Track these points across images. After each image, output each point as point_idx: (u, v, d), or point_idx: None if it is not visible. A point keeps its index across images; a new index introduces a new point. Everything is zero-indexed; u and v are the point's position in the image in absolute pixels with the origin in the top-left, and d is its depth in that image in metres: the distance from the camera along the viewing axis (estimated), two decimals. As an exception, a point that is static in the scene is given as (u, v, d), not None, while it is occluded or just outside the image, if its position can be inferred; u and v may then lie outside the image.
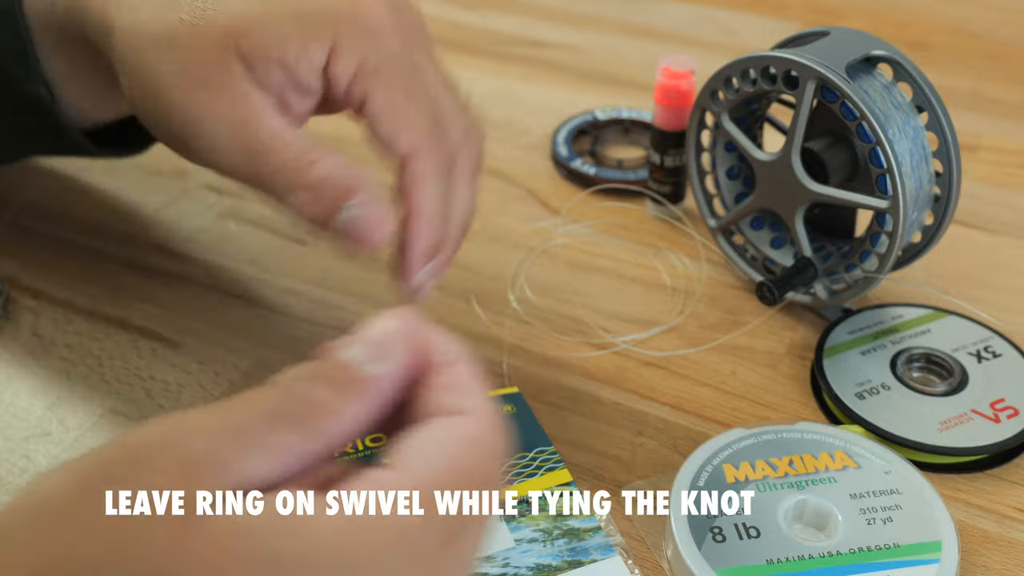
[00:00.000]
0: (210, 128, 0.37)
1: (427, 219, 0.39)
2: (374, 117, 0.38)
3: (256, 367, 0.50)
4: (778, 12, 0.86)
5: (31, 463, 0.45)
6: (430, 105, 0.39)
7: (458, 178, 0.41)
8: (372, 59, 0.38)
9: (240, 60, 0.37)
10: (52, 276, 0.55)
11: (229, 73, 0.37)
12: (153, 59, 0.38)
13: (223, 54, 0.37)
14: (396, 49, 0.38)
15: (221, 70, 0.37)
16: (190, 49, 0.37)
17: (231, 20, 0.37)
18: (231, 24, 0.37)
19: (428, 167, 0.39)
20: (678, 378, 0.49)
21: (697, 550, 0.39)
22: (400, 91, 0.38)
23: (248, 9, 0.37)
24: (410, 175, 0.38)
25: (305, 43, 0.37)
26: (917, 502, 0.41)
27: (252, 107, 0.37)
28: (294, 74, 0.37)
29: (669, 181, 0.59)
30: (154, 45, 0.38)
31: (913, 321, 0.50)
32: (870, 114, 0.46)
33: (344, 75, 0.38)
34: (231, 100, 0.37)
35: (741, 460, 0.43)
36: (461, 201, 0.41)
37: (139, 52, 0.38)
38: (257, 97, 0.37)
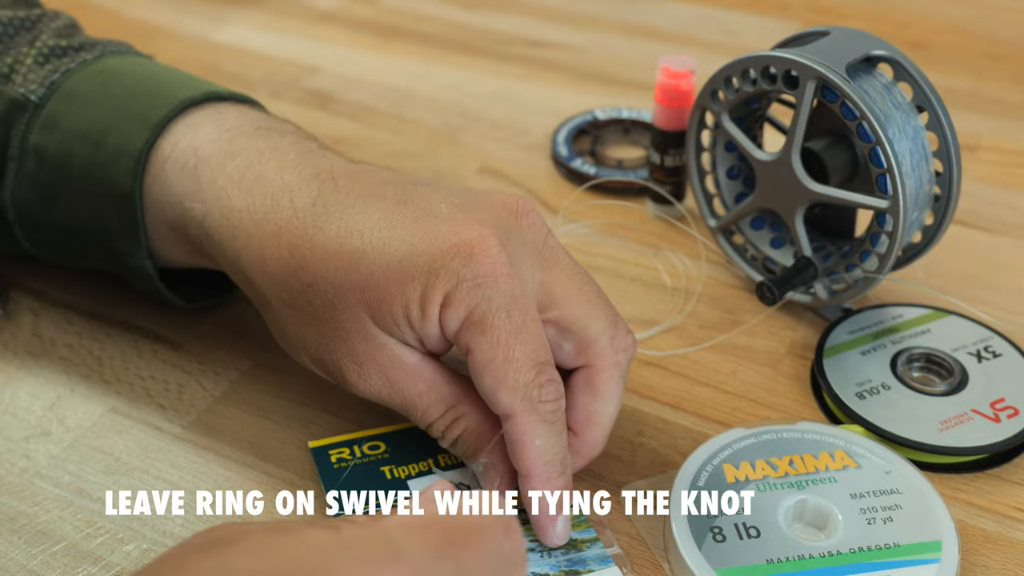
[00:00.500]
0: (356, 373, 0.40)
1: (539, 478, 0.38)
2: (476, 369, 0.38)
3: (256, 367, 0.50)
4: (778, 12, 0.86)
5: (31, 463, 0.45)
6: (536, 356, 0.38)
7: (600, 387, 0.41)
8: (479, 309, 0.38)
9: (373, 323, 0.39)
10: (52, 276, 0.55)
11: (366, 338, 0.39)
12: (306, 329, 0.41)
13: (361, 323, 0.39)
14: (509, 293, 0.38)
15: (361, 335, 0.39)
16: (336, 325, 0.39)
17: (361, 292, 0.39)
18: (361, 297, 0.39)
19: (528, 426, 0.38)
20: (678, 378, 0.49)
21: (697, 550, 0.39)
22: (503, 345, 0.38)
23: (370, 274, 0.39)
24: (514, 435, 0.38)
25: (424, 308, 0.38)
26: (917, 502, 0.41)
27: (392, 366, 0.40)
28: (423, 332, 0.39)
29: (669, 181, 0.59)
30: (304, 318, 0.40)
31: (913, 321, 0.50)
32: (870, 114, 0.46)
33: (452, 326, 0.38)
34: (368, 354, 0.39)
35: (741, 460, 0.43)
36: (604, 413, 0.41)
37: (289, 314, 0.41)
38: (396, 355, 0.40)
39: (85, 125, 0.46)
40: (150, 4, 0.87)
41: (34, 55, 0.48)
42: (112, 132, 0.45)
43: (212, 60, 0.78)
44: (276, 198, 0.42)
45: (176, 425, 0.47)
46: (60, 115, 0.46)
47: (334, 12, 0.86)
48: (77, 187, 0.46)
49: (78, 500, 0.43)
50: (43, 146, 0.46)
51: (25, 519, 0.42)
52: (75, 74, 0.47)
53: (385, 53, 0.80)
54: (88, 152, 0.45)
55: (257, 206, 0.42)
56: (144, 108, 0.45)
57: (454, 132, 0.69)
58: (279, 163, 0.43)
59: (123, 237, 0.46)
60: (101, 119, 0.46)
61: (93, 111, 0.46)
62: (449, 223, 0.39)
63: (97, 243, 0.47)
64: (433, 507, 0.30)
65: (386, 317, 0.39)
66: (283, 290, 0.41)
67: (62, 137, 0.46)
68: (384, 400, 0.41)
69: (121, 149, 0.45)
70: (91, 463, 0.45)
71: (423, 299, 0.38)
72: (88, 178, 0.45)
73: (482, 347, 0.38)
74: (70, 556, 0.41)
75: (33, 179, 0.47)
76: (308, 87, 0.75)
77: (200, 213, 0.43)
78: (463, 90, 0.74)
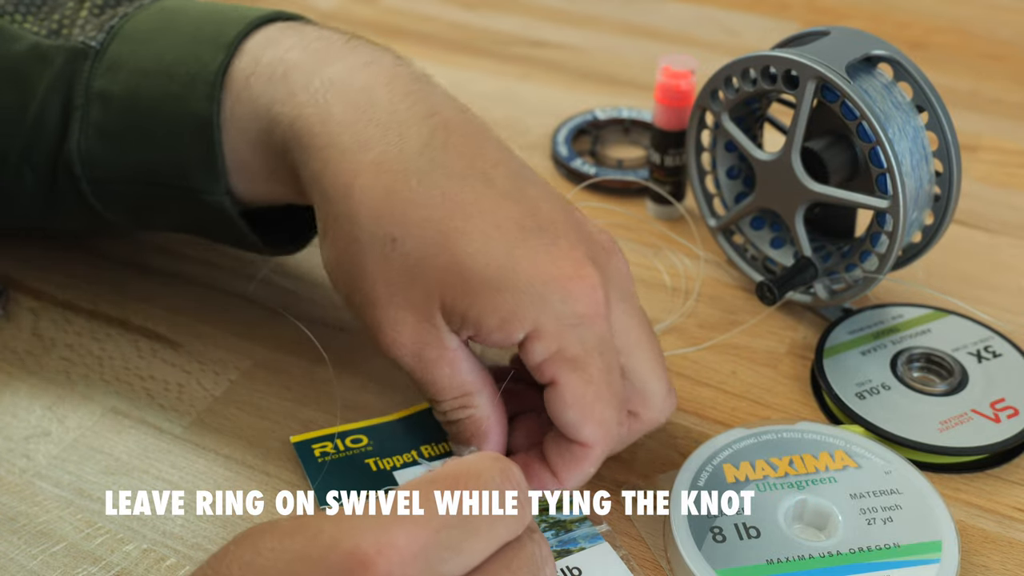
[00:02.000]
0: (392, 337, 0.39)
1: (560, 486, 0.40)
2: (562, 401, 0.38)
3: (256, 367, 0.50)
4: (778, 12, 0.86)
5: (31, 463, 0.45)
6: (620, 398, 0.39)
7: (633, 436, 0.42)
8: (573, 348, 0.37)
9: (440, 308, 0.38)
10: (52, 276, 0.55)
11: (426, 316, 0.38)
12: (367, 272, 0.39)
13: (428, 300, 0.38)
14: (602, 336, 0.38)
15: (420, 311, 0.38)
16: (402, 290, 0.38)
17: (443, 273, 0.37)
18: (442, 277, 0.37)
19: (598, 456, 0.39)
20: (678, 378, 0.49)
21: (697, 550, 0.39)
22: (594, 384, 0.38)
23: (460, 263, 0.37)
24: (579, 455, 0.39)
25: (504, 325, 0.37)
26: (917, 502, 0.41)
27: (433, 346, 0.39)
28: (486, 339, 0.38)
29: (669, 181, 0.59)
30: (369, 262, 0.39)
31: (913, 321, 0.50)
32: (870, 114, 0.46)
33: (539, 356, 0.38)
34: (417, 331, 0.39)
35: (741, 460, 0.43)
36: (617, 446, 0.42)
37: (355, 251, 0.39)
38: (440, 339, 0.39)
39: (152, 61, 0.44)
40: (150, 4, 0.87)
41: (88, 7, 0.47)
42: (182, 61, 0.43)
43: (212, 60, 0.78)
44: (384, 127, 0.39)
45: (176, 425, 0.47)
46: (124, 55, 0.44)
47: (334, 12, 0.86)
48: (147, 126, 0.44)
49: (78, 500, 0.43)
50: (108, 90, 0.44)
51: (25, 519, 0.42)
52: (134, 17, 0.46)
53: (385, 53, 0.80)
54: (159, 86, 0.43)
55: (361, 126, 0.39)
56: (213, 33, 0.43)
57: (454, 132, 0.69)
58: (388, 82, 0.41)
59: (200, 172, 0.44)
60: (169, 51, 0.44)
61: (159, 46, 0.44)
62: (553, 249, 0.38)
63: (172, 186, 0.45)
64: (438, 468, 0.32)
65: (458, 314, 0.38)
66: (361, 226, 0.38)
67: (128, 77, 0.44)
68: (404, 366, 0.40)
69: (194, 75, 0.43)
70: (91, 463, 0.45)
71: (509, 318, 0.37)
72: (159, 113, 0.43)
73: (573, 383, 0.37)
74: (70, 556, 0.41)
75: (100, 126, 0.45)
76: (308, 87, 0.75)
77: (290, 116, 0.41)
78: (463, 90, 0.74)
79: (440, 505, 0.29)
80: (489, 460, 0.32)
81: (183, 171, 0.44)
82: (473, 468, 0.31)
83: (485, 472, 0.31)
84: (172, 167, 0.44)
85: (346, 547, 0.28)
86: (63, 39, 0.46)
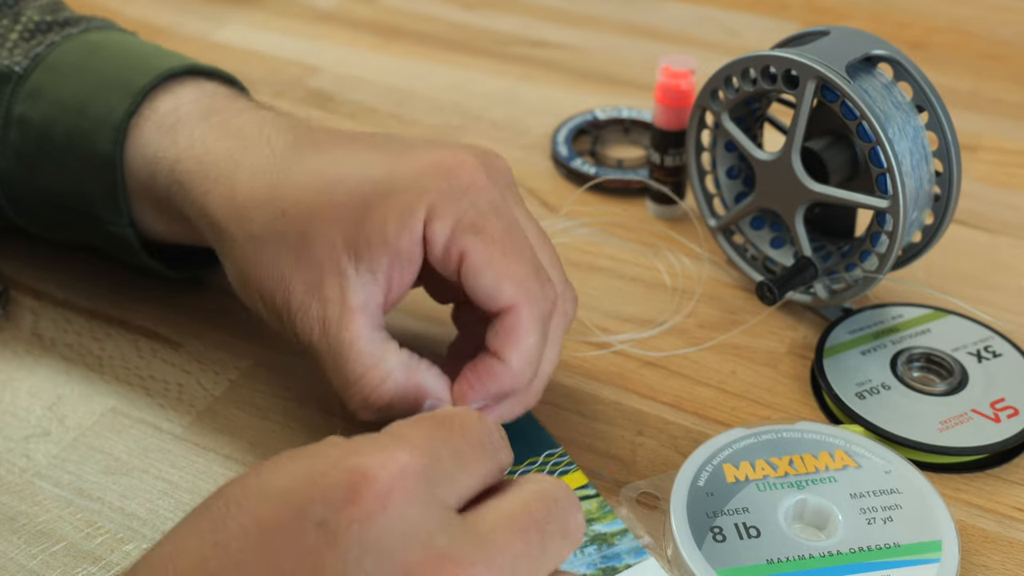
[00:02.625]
0: (301, 318, 0.39)
1: (512, 374, 0.38)
2: (474, 269, 0.38)
3: (256, 367, 0.50)
4: (778, 12, 0.86)
5: (31, 463, 0.45)
6: (531, 254, 0.39)
7: (551, 332, 0.41)
8: (468, 214, 0.38)
9: (343, 250, 0.38)
10: (52, 276, 0.55)
11: (335, 267, 0.38)
12: (269, 259, 0.40)
13: (331, 248, 0.38)
14: (493, 201, 0.39)
15: (327, 263, 0.38)
16: (303, 249, 0.39)
17: (335, 212, 0.39)
18: (335, 216, 0.38)
19: (529, 318, 0.38)
20: (678, 378, 0.49)
21: (697, 550, 0.39)
22: (499, 242, 0.38)
23: (347, 196, 0.39)
24: (511, 324, 0.38)
25: (403, 220, 0.38)
26: (917, 502, 0.41)
27: (344, 315, 0.38)
28: (396, 250, 0.38)
29: (669, 181, 0.59)
30: (269, 248, 0.40)
31: (913, 321, 0.50)
32: (870, 114, 0.46)
33: (441, 236, 0.38)
34: (328, 307, 0.38)
35: (741, 460, 0.43)
36: (550, 354, 0.41)
37: (251, 249, 0.41)
38: (354, 298, 0.38)
39: (69, 95, 0.47)
40: (151, 4, 0.87)
41: (19, 30, 0.49)
42: (94, 101, 0.46)
43: (213, 60, 0.78)
44: (254, 145, 0.42)
45: (176, 425, 0.47)
46: (44, 85, 0.47)
47: (334, 12, 0.87)
48: (60, 156, 0.47)
49: (78, 500, 0.43)
50: (27, 116, 0.47)
51: (25, 519, 0.42)
52: (59, 47, 0.49)
53: (385, 53, 0.80)
54: (71, 121, 0.46)
55: (234, 150, 0.42)
56: (126, 78, 0.47)
57: (454, 132, 0.69)
58: (258, 120, 0.44)
59: (105, 205, 0.47)
60: (84, 89, 0.47)
61: (76, 81, 0.47)
62: (425, 149, 0.40)
63: (81, 212, 0.48)
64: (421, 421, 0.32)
65: (360, 236, 0.38)
66: (252, 221, 0.40)
67: (46, 107, 0.47)
68: (313, 343, 0.39)
69: (103, 117, 0.46)
70: (91, 463, 0.45)
71: (403, 213, 0.38)
72: (71, 146, 0.46)
73: (478, 247, 0.38)
74: (70, 556, 0.41)
75: (17, 148, 0.48)
76: (308, 87, 0.75)
77: (171, 161, 0.44)
78: (463, 90, 0.74)
79: (434, 438, 0.30)
80: (465, 409, 0.33)
81: (90, 204, 0.47)
82: (455, 413, 0.32)
83: (468, 417, 0.32)
84: (80, 197, 0.47)
85: (349, 463, 0.28)
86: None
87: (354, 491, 0.28)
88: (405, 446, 0.29)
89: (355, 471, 0.28)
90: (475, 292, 0.38)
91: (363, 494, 0.28)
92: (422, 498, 0.28)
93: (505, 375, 0.38)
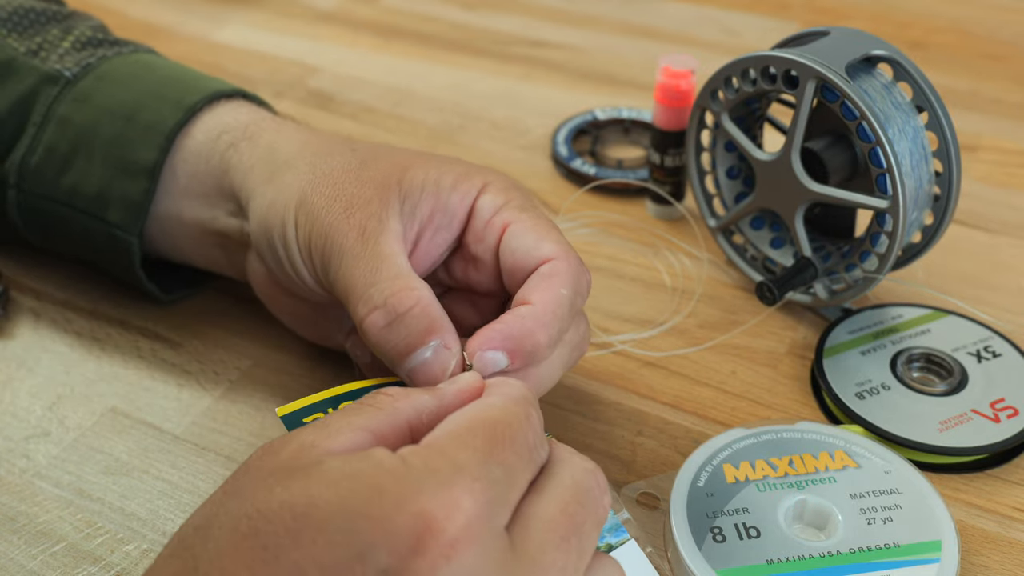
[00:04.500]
0: (339, 242, 0.39)
1: (536, 315, 0.37)
2: (518, 232, 0.40)
3: (256, 367, 0.50)
4: (778, 12, 0.86)
5: (31, 463, 0.45)
6: (565, 242, 0.41)
7: (579, 316, 0.41)
8: (518, 199, 0.42)
9: (400, 190, 0.40)
10: (52, 276, 0.55)
11: (385, 201, 0.40)
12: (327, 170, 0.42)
13: (389, 181, 0.40)
14: (531, 203, 0.42)
15: (379, 197, 0.40)
16: (363, 171, 0.41)
17: (400, 157, 0.42)
18: (401, 160, 0.42)
19: (566, 271, 0.39)
20: (678, 378, 0.49)
21: (697, 550, 0.39)
22: (544, 221, 0.41)
23: (415, 158, 0.42)
24: (547, 271, 0.39)
25: (459, 182, 0.41)
26: (917, 502, 0.41)
27: (389, 230, 0.39)
28: (444, 204, 0.41)
29: (669, 181, 0.59)
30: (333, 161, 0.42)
31: (913, 321, 0.50)
32: (870, 114, 0.46)
33: (490, 207, 0.41)
34: (374, 218, 0.39)
35: (741, 460, 0.43)
36: (575, 334, 0.41)
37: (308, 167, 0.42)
38: (395, 224, 0.40)
39: (117, 103, 0.48)
40: (152, 4, 0.87)
41: (72, 40, 0.51)
42: (145, 110, 0.48)
43: (213, 60, 0.78)
44: (331, 147, 0.44)
45: (176, 425, 0.47)
46: (93, 92, 0.49)
47: (334, 12, 0.87)
48: (97, 156, 0.48)
49: (78, 500, 0.43)
50: (69, 116, 0.49)
51: (25, 519, 0.42)
52: (111, 60, 0.50)
53: (385, 53, 0.80)
54: (118, 126, 0.48)
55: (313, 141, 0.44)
56: (178, 93, 0.48)
57: (454, 132, 0.69)
58: (311, 131, 0.47)
59: (127, 210, 0.47)
60: (134, 99, 0.48)
61: (127, 92, 0.49)
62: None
63: (92, 216, 0.48)
64: (467, 413, 0.31)
65: (415, 181, 0.40)
66: (317, 150, 0.43)
67: (92, 111, 0.48)
68: (346, 248, 0.39)
69: (152, 125, 0.47)
70: (91, 463, 0.45)
71: (460, 176, 0.41)
72: (112, 149, 0.47)
73: (525, 218, 0.40)
74: (70, 556, 0.41)
75: (51, 144, 0.48)
76: (308, 87, 0.75)
77: (228, 143, 0.46)
78: (463, 90, 0.75)
79: (489, 462, 0.29)
80: (511, 404, 0.32)
81: (108, 207, 0.48)
82: (502, 417, 0.31)
83: (514, 421, 0.31)
84: (99, 200, 0.48)
85: (413, 509, 0.27)
86: (39, 60, 0.50)
87: (420, 542, 0.27)
88: (467, 483, 0.28)
89: (421, 520, 0.27)
90: (516, 252, 0.40)
91: (429, 546, 0.27)
92: (484, 543, 0.28)
93: (528, 317, 0.37)
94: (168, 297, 0.52)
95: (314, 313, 0.46)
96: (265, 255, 0.43)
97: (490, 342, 0.37)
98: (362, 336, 0.38)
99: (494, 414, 0.31)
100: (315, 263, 0.40)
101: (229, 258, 0.48)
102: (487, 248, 0.41)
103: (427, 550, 0.27)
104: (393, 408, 0.32)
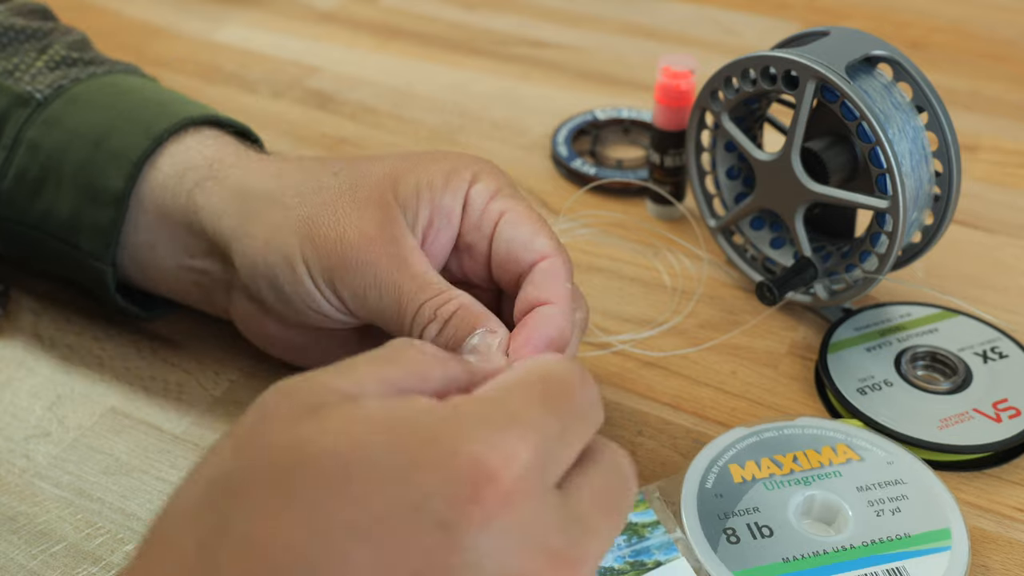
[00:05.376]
0: (370, 273, 0.40)
1: (563, 312, 0.39)
2: (513, 222, 0.41)
3: (256, 367, 0.50)
4: (778, 12, 0.86)
5: (31, 463, 0.45)
6: (555, 234, 0.42)
7: (578, 297, 0.43)
8: (508, 186, 0.43)
9: (397, 203, 0.41)
10: (52, 276, 0.55)
11: (384, 208, 0.41)
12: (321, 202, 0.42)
13: (381, 193, 0.41)
14: (517, 190, 0.43)
15: (379, 205, 0.41)
16: (358, 192, 0.41)
17: (388, 168, 0.42)
18: (388, 170, 0.42)
19: (564, 268, 0.40)
20: (678, 378, 0.49)
21: (713, 553, 0.39)
22: (534, 211, 0.42)
23: (396, 163, 0.42)
24: (548, 268, 0.40)
25: (449, 178, 0.42)
26: (922, 491, 0.41)
27: (409, 248, 0.40)
28: (439, 205, 0.41)
29: (669, 181, 0.59)
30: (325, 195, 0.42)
31: (921, 320, 0.50)
32: (870, 114, 0.46)
33: (482, 197, 0.42)
34: (393, 242, 0.40)
35: (746, 459, 0.42)
36: (581, 313, 0.42)
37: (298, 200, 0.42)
38: (410, 240, 0.41)
39: (87, 127, 0.47)
40: (150, 4, 0.87)
41: (45, 60, 0.50)
42: (113, 136, 0.46)
43: (212, 60, 0.78)
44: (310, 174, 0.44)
45: (176, 425, 0.47)
46: (63, 115, 0.48)
47: (334, 12, 0.86)
48: (66, 182, 0.47)
49: (78, 500, 0.43)
50: (38, 141, 0.47)
51: (25, 519, 0.42)
52: (83, 83, 0.49)
53: (385, 53, 0.80)
54: (86, 151, 0.47)
55: (287, 171, 0.44)
56: (148, 119, 0.47)
57: (454, 132, 0.69)
58: (277, 162, 0.46)
59: (94, 239, 0.46)
60: (104, 124, 0.47)
61: (97, 116, 0.47)
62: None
63: (66, 243, 0.47)
64: (522, 366, 0.31)
65: (411, 187, 0.41)
66: (302, 180, 0.43)
67: (61, 135, 0.47)
68: (379, 272, 0.40)
69: (120, 153, 0.46)
70: (91, 463, 0.45)
71: (449, 173, 0.42)
72: (80, 175, 0.46)
73: (519, 208, 0.42)
74: (70, 556, 0.41)
75: (22, 168, 0.47)
76: (308, 87, 0.75)
77: (197, 179, 0.45)
78: (463, 90, 0.74)
79: (546, 416, 0.28)
80: (565, 362, 0.31)
81: (80, 234, 0.47)
82: (555, 372, 0.30)
83: (572, 377, 0.30)
84: (70, 228, 0.47)
85: (468, 455, 0.26)
86: (13, 81, 0.49)
87: (477, 490, 0.25)
88: (521, 432, 0.27)
89: (477, 468, 0.26)
90: (511, 243, 0.41)
91: (486, 495, 0.25)
92: (538, 496, 0.27)
93: (556, 314, 0.38)
94: (148, 315, 0.51)
95: (307, 341, 0.46)
96: (264, 294, 0.43)
97: (534, 346, 0.38)
98: None
99: (551, 368, 0.30)
100: (342, 295, 0.41)
101: (207, 296, 0.47)
102: (483, 236, 0.42)
103: (484, 499, 0.25)
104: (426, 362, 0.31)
